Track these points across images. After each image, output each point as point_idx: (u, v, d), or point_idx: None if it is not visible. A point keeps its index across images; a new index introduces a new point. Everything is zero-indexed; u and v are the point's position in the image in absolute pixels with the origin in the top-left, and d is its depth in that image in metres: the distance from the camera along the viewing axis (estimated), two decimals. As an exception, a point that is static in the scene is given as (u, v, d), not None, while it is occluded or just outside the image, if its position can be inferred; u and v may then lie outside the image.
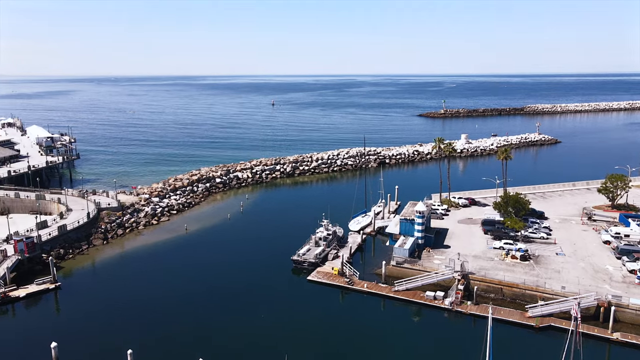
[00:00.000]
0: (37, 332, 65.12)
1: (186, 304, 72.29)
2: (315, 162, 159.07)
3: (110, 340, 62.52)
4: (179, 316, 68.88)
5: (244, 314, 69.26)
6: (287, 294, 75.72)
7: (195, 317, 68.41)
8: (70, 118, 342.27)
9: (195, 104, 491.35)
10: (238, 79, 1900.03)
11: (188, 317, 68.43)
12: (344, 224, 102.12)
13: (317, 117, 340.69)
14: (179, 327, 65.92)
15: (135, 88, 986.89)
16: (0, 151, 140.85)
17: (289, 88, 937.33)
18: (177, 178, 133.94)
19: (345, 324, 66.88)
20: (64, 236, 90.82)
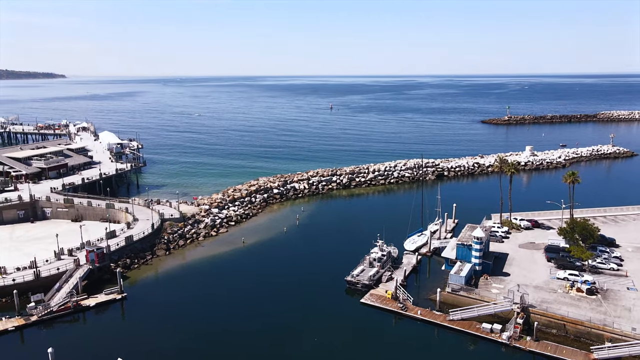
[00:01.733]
0: (105, 343, 69.05)
1: (242, 321, 74.47)
2: (372, 174, 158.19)
3: (172, 354, 65.56)
4: (235, 333, 71.03)
5: (297, 334, 70.43)
6: (340, 316, 76.01)
7: (250, 335, 70.39)
8: (137, 121, 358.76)
9: (253, 107, 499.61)
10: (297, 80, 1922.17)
11: (244, 335, 70.44)
12: (399, 242, 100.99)
13: (374, 123, 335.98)
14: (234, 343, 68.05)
15: (199, 89, 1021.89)
16: (76, 158, 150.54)
17: (347, 90, 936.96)
18: (236, 189, 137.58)
19: (398, 352, 66.34)
20: (130, 246, 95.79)
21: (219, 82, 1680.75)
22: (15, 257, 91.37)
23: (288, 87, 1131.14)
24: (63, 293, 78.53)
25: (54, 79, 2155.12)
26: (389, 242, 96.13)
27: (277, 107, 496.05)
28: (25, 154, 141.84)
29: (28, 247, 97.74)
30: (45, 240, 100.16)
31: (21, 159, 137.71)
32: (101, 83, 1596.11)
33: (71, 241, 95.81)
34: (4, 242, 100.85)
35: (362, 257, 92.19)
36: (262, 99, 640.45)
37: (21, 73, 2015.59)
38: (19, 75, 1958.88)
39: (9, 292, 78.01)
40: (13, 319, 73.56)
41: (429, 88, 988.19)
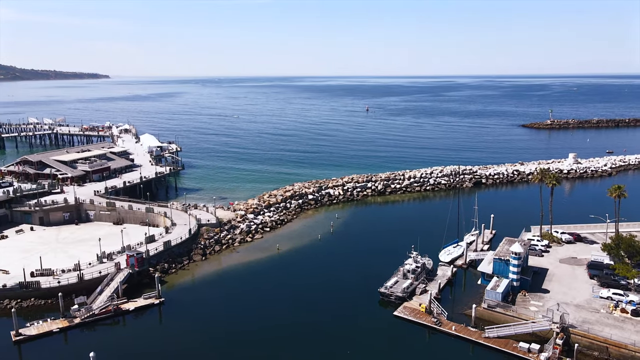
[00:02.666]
0: (143, 348, 71.15)
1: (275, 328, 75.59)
2: (407, 181, 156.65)
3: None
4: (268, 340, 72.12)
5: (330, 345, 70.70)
6: (373, 328, 75.72)
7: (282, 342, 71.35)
8: (175, 123, 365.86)
9: (289, 109, 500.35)
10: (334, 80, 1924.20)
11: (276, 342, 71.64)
12: (434, 253, 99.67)
13: (410, 127, 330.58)
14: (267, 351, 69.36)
15: (236, 90, 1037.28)
16: (118, 161, 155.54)
17: (384, 91, 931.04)
18: (271, 194, 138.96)
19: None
20: (168, 251, 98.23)
21: (256, 82, 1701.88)
22: (61, 258, 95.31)
23: (324, 88, 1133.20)
24: (104, 296, 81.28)
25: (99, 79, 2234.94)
26: (423, 252, 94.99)
27: (312, 109, 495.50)
28: (71, 157, 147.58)
29: (72, 248, 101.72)
30: (89, 242, 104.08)
31: (67, 162, 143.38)
32: (142, 83, 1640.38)
33: (112, 244, 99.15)
34: (50, 243, 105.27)
35: (396, 267, 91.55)
36: (298, 101, 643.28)
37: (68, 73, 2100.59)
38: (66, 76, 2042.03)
39: (55, 293, 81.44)
40: (58, 320, 76.62)
41: (467, 89, 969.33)
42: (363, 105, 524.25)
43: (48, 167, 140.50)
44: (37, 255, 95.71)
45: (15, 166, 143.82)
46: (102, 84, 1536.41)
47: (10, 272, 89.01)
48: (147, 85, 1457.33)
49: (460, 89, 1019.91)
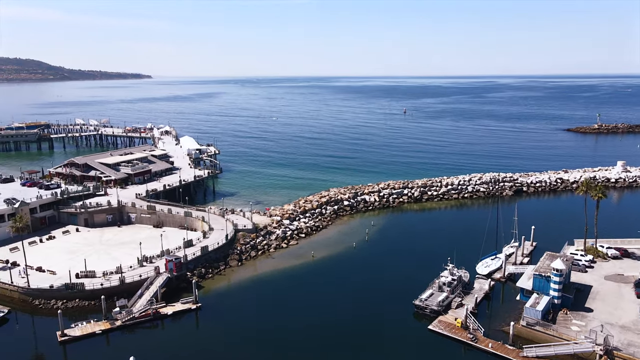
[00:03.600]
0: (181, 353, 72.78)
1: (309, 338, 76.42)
2: (445, 188, 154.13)
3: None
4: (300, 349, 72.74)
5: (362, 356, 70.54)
6: (407, 342, 75.01)
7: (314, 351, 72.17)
8: (213, 124, 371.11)
9: (325, 110, 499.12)
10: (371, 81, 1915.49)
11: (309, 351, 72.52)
12: (471, 264, 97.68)
13: (448, 130, 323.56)
14: None
15: (273, 91, 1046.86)
16: (159, 164, 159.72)
17: (422, 92, 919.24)
18: (307, 199, 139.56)
19: (466, 390, 64.22)
20: (205, 256, 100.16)
21: (293, 82, 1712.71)
22: (104, 260, 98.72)
23: (361, 89, 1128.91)
24: (144, 300, 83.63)
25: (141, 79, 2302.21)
26: (460, 264, 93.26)
27: (348, 111, 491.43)
28: (114, 160, 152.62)
29: (115, 251, 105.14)
30: (130, 245, 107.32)
31: (111, 165, 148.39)
32: (183, 84, 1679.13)
33: (152, 247, 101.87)
34: (94, 244, 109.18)
35: (431, 279, 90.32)
36: (334, 102, 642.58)
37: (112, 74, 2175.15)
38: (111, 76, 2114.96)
39: (98, 295, 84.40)
40: (100, 322, 79.38)
41: (509, 90, 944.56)
42: (400, 107, 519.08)
43: (93, 170, 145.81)
44: (82, 256, 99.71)
45: (62, 168, 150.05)
46: (144, 84, 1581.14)
47: (57, 272, 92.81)
48: (188, 85, 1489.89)
49: (502, 89, 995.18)
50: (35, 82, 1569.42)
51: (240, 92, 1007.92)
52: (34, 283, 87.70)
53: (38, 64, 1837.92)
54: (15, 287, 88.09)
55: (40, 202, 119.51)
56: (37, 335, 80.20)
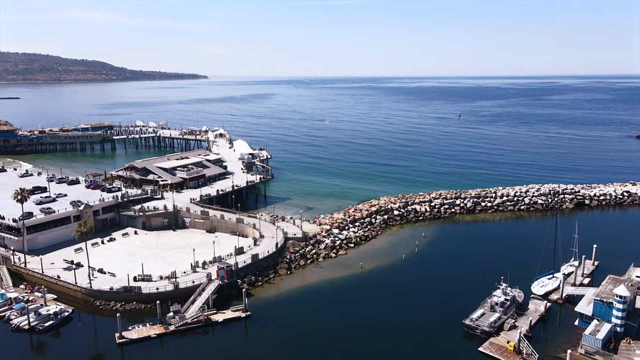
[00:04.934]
0: None
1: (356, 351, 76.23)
2: (499, 199, 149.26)
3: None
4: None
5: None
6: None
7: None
8: (264, 127, 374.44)
9: (376, 113, 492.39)
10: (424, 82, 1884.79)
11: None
12: (526, 283, 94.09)
13: (505, 136, 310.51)
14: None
15: (325, 92, 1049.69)
16: (213, 169, 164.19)
17: (478, 94, 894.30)
18: (356, 208, 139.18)
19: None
20: (256, 264, 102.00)
21: (345, 83, 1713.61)
22: (160, 265, 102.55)
23: (414, 90, 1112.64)
24: (196, 306, 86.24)
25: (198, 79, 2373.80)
26: (514, 282, 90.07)
27: (400, 114, 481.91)
28: (171, 164, 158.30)
29: (170, 255, 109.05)
30: (184, 249, 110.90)
31: (167, 169, 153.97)
32: (237, 84, 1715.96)
33: (205, 253, 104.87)
34: (151, 248, 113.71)
35: (482, 297, 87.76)
36: (386, 104, 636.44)
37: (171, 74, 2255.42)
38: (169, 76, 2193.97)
39: (153, 299, 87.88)
40: (155, 326, 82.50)
41: (572, 92, 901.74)
42: (454, 110, 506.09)
43: (151, 174, 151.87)
44: (139, 259, 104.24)
45: (123, 171, 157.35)
46: (200, 85, 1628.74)
47: (116, 275, 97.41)
48: (242, 86, 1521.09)
49: (564, 91, 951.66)
50: (100, 82, 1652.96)
51: (292, 93, 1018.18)
52: (95, 284, 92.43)
53: (103, 65, 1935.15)
54: (79, 288, 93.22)
55: (102, 204, 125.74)
56: (98, 335, 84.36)
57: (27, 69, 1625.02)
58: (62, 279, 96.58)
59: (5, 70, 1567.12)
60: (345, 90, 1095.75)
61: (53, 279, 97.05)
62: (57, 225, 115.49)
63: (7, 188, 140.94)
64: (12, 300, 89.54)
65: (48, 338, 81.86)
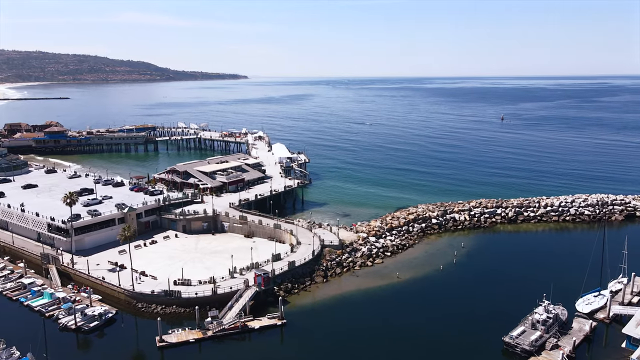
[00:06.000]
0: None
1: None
2: (543, 209, 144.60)
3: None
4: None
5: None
6: (495, 383, 71.63)
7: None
8: (302, 129, 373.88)
9: (414, 115, 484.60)
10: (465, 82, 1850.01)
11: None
12: (570, 300, 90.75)
13: (549, 142, 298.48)
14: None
15: (364, 93, 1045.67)
16: (252, 173, 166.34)
17: (522, 95, 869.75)
18: (394, 216, 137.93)
19: None
20: (292, 271, 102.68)
21: (384, 84, 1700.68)
22: (199, 269, 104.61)
23: (455, 91, 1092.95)
24: (233, 313, 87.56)
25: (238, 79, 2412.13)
26: (557, 298, 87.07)
27: (440, 117, 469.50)
28: (211, 168, 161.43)
29: (208, 259, 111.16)
30: (222, 254, 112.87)
31: (208, 173, 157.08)
32: (277, 84, 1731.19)
33: (242, 258, 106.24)
34: (190, 252, 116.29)
35: (523, 313, 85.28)
36: (425, 106, 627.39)
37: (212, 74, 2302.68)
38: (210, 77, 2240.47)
39: (192, 304, 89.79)
40: (193, 330, 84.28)
41: (625, 94, 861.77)
42: (495, 113, 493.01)
43: (192, 177, 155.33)
44: (179, 263, 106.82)
45: (165, 174, 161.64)
46: (240, 85, 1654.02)
47: (157, 278, 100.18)
48: (281, 86, 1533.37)
49: (617, 92, 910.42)
50: (144, 82, 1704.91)
51: (330, 94, 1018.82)
52: (138, 287, 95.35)
53: (147, 66, 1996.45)
54: (122, 290, 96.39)
55: (145, 207, 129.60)
56: (139, 337, 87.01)
57: (77, 69, 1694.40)
58: (106, 280, 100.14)
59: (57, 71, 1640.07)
60: (384, 92, 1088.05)
61: (98, 280, 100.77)
62: (102, 227, 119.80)
63: (57, 189, 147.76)
64: (60, 300, 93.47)
65: (93, 338, 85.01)
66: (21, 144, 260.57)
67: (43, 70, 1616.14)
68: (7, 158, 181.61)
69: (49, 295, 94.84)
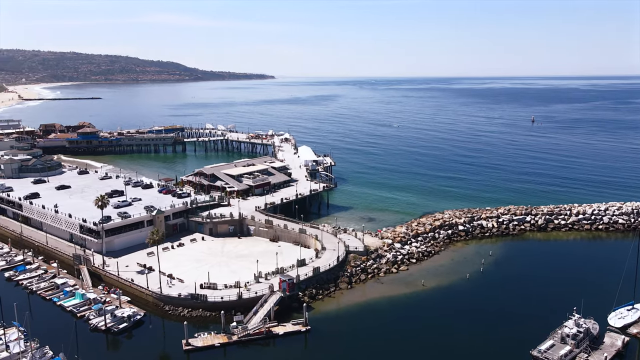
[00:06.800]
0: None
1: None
2: (575, 217, 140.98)
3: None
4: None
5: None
6: (522, 399, 70.23)
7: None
8: (328, 131, 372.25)
9: (441, 117, 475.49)
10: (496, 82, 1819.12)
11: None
12: (601, 314, 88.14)
13: (582, 145, 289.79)
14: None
15: (390, 93, 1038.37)
16: (278, 176, 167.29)
17: (554, 96, 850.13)
18: (419, 222, 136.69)
19: None
20: (317, 277, 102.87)
21: (411, 84, 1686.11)
22: (225, 273, 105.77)
23: (484, 92, 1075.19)
24: (258, 318, 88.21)
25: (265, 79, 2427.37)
26: (588, 311, 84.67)
27: (467, 119, 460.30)
28: (238, 171, 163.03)
29: (234, 263, 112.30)
30: (248, 258, 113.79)
31: (234, 176, 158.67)
32: (303, 84, 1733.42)
33: (268, 262, 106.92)
34: (216, 255, 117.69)
35: (552, 326, 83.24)
36: (453, 107, 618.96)
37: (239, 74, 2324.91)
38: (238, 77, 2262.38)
39: (218, 308, 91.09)
40: (219, 335, 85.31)
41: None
42: (526, 115, 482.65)
43: (219, 180, 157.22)
44: (206, 266, 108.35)
45: (193, 177, 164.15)
46: (267, 85, 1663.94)
47: (184, 281, 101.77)
48: (307, 86, 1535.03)
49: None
50: (173, 82, 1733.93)
51: (357, 94, 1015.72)
52: (165, 290, 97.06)
53: (176, 66, 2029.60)
54: (150, 292, 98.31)
55: (173, 210, 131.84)
56: (166, 340, 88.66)
57: (109, 69, 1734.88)
58: (135, 282, 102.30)
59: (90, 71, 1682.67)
60: (411, 92, 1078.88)
61: (127, 282, 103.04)
62: (131, 229, 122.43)
63: (89, 190, 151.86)
64: (91, 301, 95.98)
65: (122, 339, 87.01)
66: (55, 144, 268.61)
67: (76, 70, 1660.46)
68: (42, 159, 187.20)
69: (80, 295, 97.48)
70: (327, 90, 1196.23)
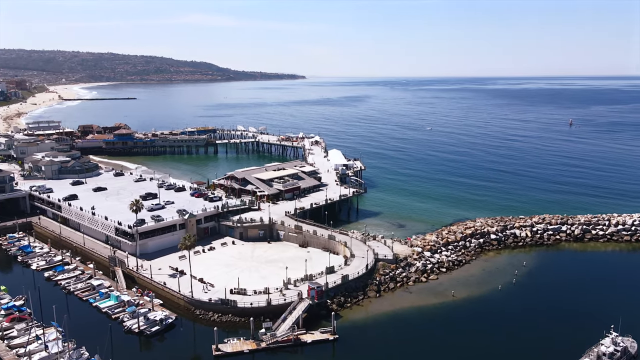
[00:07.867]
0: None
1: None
2: (614, 227, 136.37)
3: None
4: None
5: None
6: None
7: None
8: (358, 133, 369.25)
9: (473, 120, 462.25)
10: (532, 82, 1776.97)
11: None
12: None
13: (623, 150, 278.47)
14: None
15: (422, 94, 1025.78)
16: (308, 181, 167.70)
17: (594, 97, 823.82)
18: (450, 230, 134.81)
19: None
20: (345, 284, 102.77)
21: (444, 84, 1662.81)
22: (254, 278, 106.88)
23: (520, 92, 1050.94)
24: (287, 325, 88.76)
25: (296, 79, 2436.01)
26: (626, 329, 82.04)
27: (501, 122, 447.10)
28: (268, 175, 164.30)
29: (264, 268, 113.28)
30: (277, 263, 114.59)
31: (265, 180, 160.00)
32: (334, 85, 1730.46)
33: (297, 268, 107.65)
34: (246, 260, 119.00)
35: (588, 344, 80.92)
36: (485, 108, 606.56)
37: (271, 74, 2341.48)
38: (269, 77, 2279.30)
39: (247, 314, 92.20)
40: (248, 341, 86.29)
41: None
42: (563, 117, 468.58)
43: (249, 184, 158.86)
44: (236, 271, 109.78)
45: (224, 180, 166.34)
46: (298, 85, 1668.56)
47: (215, 285, 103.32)
48: (338, 87, 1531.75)
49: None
50: (206, 82, 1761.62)
51: (387, 95, 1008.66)
52: (196, 294, 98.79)
53: (209, 66, 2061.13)
54: (182, 296, 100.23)
55: (204, 214, 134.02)
56: (196, 344, 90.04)
57: (144, 70, 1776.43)
58: (167, 285, 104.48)
59: (125, 72, 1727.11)
60: (443, 93, 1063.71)
61: (160, 285, 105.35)
62: (164, 232, 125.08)
63: (124, 192, 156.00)
64: (125, 303, 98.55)
65: (154, 342, 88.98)
66: (93, 145, 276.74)
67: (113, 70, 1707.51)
68: (80, 160, 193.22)
69: (115, 297, 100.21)
70: (357, 91, 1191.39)
